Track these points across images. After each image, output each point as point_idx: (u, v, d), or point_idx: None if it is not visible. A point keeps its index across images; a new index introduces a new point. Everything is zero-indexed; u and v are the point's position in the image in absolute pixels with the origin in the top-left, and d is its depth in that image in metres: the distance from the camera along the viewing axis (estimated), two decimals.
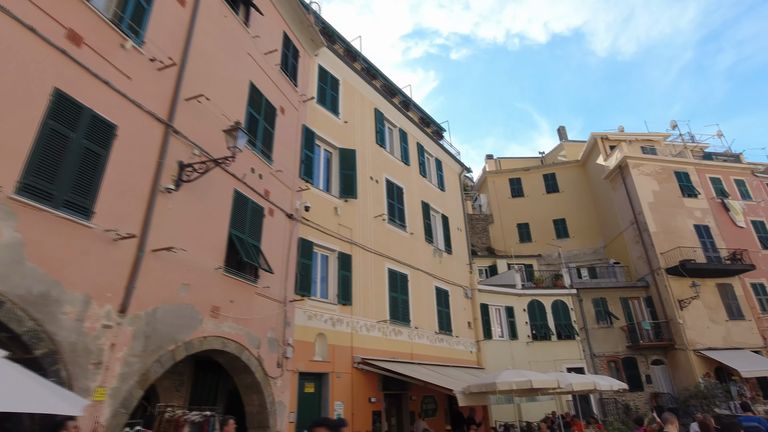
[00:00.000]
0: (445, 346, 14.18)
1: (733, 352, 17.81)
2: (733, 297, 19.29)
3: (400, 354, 11.85)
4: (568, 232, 24.79)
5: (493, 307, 17.83)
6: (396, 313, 12.18)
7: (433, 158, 17.45)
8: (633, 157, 21.33)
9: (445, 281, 15.23)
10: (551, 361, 17.81)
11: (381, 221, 12.83)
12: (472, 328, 16.25)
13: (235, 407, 8.12)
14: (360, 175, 12.46)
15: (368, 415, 10.16)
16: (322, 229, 10.52)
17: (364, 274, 11.45)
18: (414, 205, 14.85)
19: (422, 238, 14.70)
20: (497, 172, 27.30)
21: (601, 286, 19.81)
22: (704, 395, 15.67)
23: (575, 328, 18.81)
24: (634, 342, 18.63)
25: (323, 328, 9.73)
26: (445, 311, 14.72)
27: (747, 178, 23.04)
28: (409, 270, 13.35)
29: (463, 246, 17.60)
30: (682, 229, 20.12)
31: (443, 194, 17.26)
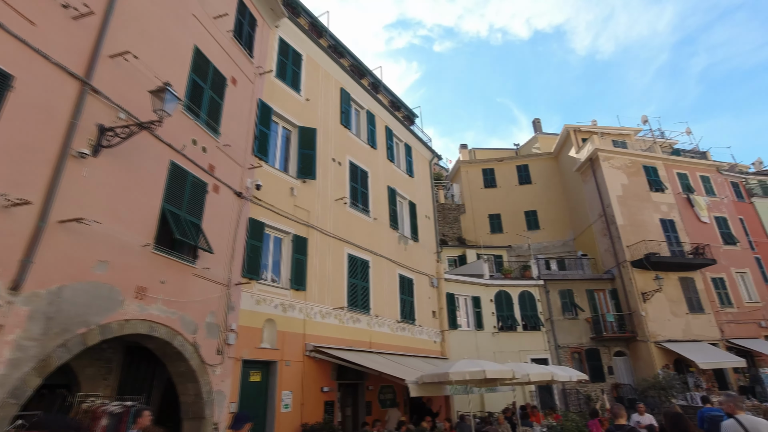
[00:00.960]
0: (408, 336, 13.84)
1: (691, 344, 18.11)
2: (694, 290, 19.61)
3: (358, 343, 11.43)
4: (538, 223, 24.79)
5: (459, 297, 17.60)
6: (355, 301, 11.73)
7: (402, 143, 16.98)
8: (604, 149, 21.36)
9: (409, 269, 14.86)
10: (516, 351, 17.77)
11: (342, 205, 12.31)
12: (437, 318, 15.96)
13: (173, 397, 7.55)
14: (321, 156, 11.89)
15: (320, 405, 9.72)
16: (275, 210, 9.93)
17: (321, 259, 10.94)
18: (379, 190, 14.37)
19: (387, 224, 14.25)
20: (470, 162, 27.06)
21: (568, 278, 19.84)
22: (662, 386, 15.85)
23: (541, 319, 18.80)
24: (598, 334, 18.75)
25: (273, 314, 9.20)
26: (409, 300, 14.36)
27: (712, 175, 23.44)
28: (370, 256, 12.90)
29: (430, 234, 17.25)
30: (648, 222, 20.30)
31: (412, 180, 16.83)
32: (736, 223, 22.49)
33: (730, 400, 4.76)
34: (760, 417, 5.55)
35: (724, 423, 4.52)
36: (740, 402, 4.65)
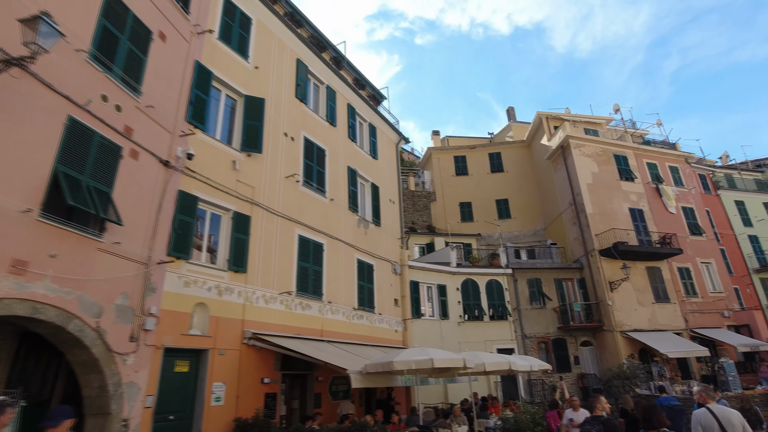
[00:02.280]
0: (365, 324, 13.11)
1: (656, 333, 17.99)
2: (660, 280, 19.50)
3: (308, 330, 10.62)
4: (510, 212, 24.39)
5: (424, 285, 16.96)
6: (305, 285, 10.90)
7: (366, 123, 16.12)
8: (575, 137, 21.00)
9: (370, 254, 14.10)
10: (482, 341, 17.28)
11: (294, 183, 11.42)
12: (399, 306, 15.28)
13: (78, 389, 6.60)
14: (270, 129, 10.95)
15: (259, 398, 8.88)
16: (213, 184, 8.99)
17: (266, 240, 10.05)
18: (338, 170, 13.52)
19: (345, 206, 13.43)
20: (442, 149, 26.42)
21: (537, 267, 19.46)
22: (626, 375, 15.60)
23: (509, 308, 18.36)
24: (565, 323, 18.44)
25: (205, 298, 8.29)
26: (368, 286, 13.61)
27: (681, 166, 23.42)
28: (325, 239, 12.07)
29: (395, 219, 16.51)
30: (617, 211, 20.07)
31: (375, 162, 16.02)
32: (702, 214, 22.55)
33: (702, 390, 4.76)
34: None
35: (696, 412, 4.45)
36: (712, 392, 4.65)
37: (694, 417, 4.45)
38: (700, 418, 4.38)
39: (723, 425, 4.20)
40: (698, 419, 4.39)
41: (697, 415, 4.42)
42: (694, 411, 4.53)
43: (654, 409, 4.59)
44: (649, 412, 4.58)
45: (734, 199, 26.39)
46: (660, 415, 4.51)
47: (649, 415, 4.53)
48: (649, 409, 4.62)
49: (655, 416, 4.48)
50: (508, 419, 7.56)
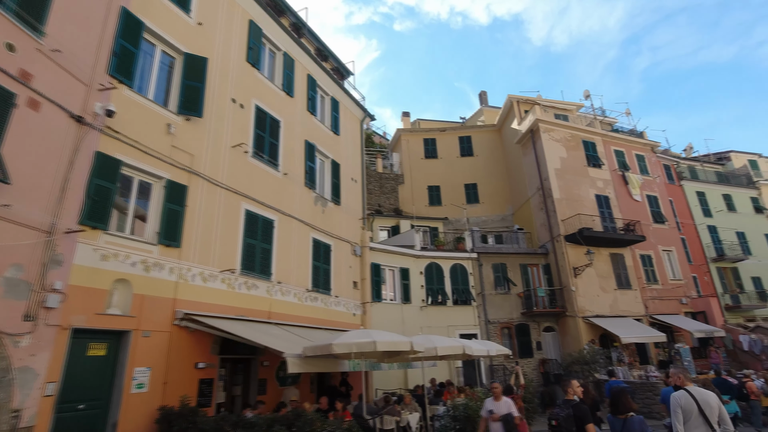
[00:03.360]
0: (320, 306, 12.42)
1: (617, 319, 18.05)
2: (623, 267, 19.57)
3: (254, 312, 9.85)
4: (478, 197, 24.03)
5: (386, 268, 16.39)
6: (251, 264, 10.09)
7: (328, 97, 15.23)
8: (545, 121, 20.68)
9: (327, 234, 13.36)
10: (445, 326, 16.91)
11: (242, 154, 10.51)
12: (358, 289, 14.65)
13: None
14: (214, 93, 9.98)
15: (192, 384, 8.11)
16: (142, 148, 8.02)
17: (207, 213, 9.17)
18: (294, 143, 12.65)
19: (301, 182, 12.60)
20: (412, 131, 25.74)
21: (502, 252, 19.18)
22: (586, 361, 15.56)
23: (473, 293, 18.03)
24: (529, 309, 18.28)
25: (128, 274, 7.40)
26: (324, 267, 12.90)
27: (647, 155, 23.54)
28: (277, 215, 11.25)
29: (357, 199, 15.79)
30: (584, 197, 19.95)
31: (337, 138, 15.19)
32: (665, 203, 22.77)
33: (679, 372, 4.76)
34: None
35: (675, 394, 4.45)
36: (689, 374, 4.67)
37: (674, 399, 4.40)
38: (680, 400, 4.34)
39: (701, 407, 4.20)
40: (678, 401, 4.35)
41: (677, 397, 4.39)
42: (673, 393, 4.48)
43: (622, 393, 4.56)
44: (616, 396, 4.54)
45: (696, 190, 26.90)
46: (627, 399, 4.50)
47: (616, 399, 4.51)
48: (617, 394, 4.58)
49: (622, 400, 4.47)
50: (457, 406, 7.07)
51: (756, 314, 23.90)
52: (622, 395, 4.57)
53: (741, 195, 28.09)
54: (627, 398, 4.55)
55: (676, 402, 4.42)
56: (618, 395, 4.58)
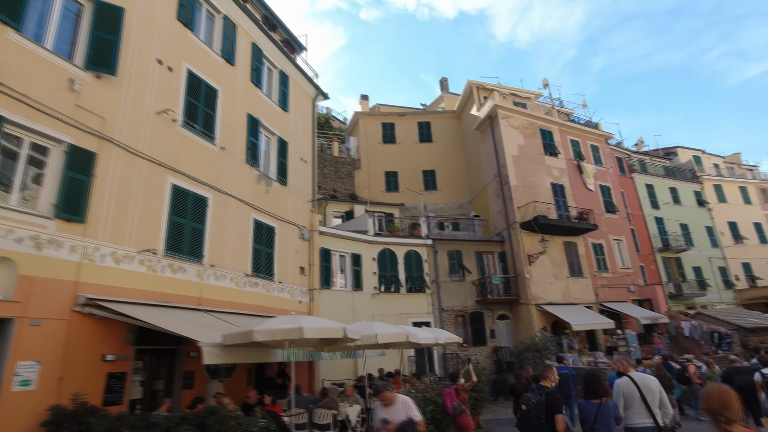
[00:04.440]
0: (261, 293, 11.52)
1: (569, 307, 18.16)
2: (576, 255, 19.73)
3: (181, 298, 8.84)
4: (436, 184, 23.62)
5: (336, 254, 15.62)
6: (178, 245, 9.05)
7: (276, 70, 14.16)
8: (503, 107, 20.43)
9: (271, 215, 12.42)
10: (398, 314, 16.40)
11: (170, 122, 9.38)
12: (306, 275, 13.82)
13: None
14: (134, 50, 8.78)
15: (98, 380, 7.07)
16: (33, 104, 6.81)
17: (122, 185, 8.05)
18: (234, 116, 11.58)
19: (242, 158, 11.58)
20: (370, 115, 24.95)
21: (458, 239, 18.84)
22: (537, 348, 15.48)
23: (427, 281, 17.59)
24: (484, 297, 18.07)
25: (11, 251, 6.25)
26: (267, 251, 11.98)
27: (601, 145, 23.86)
28: (211, 193, 10.21)
29: (306, 180, 14.87)
30: (540, 185, 19.90)
31: (285, 115, 14.18)
32: (617, 193, 23.19)
33: (622, 359, 4.92)
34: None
35: (618, 381, 4.49)
36: (632, 360, 4.87)
37: (617, 386, 4.45)
38: (623, 386, 4.40)
39: (643, 392, 4.28)
40: (620, 388, 4.41)
41: (620, 384, 4.44)
42: (617, 380, 4.54)
43: (596, 379, 4.44)
44: (591, 381, 4.43)
45: (645, 183, 27.70)
46: (603, 384, 4.41)
47: (591, 383, 4.41)
48: (592, 378, 4.46)
49: (598, 385, 4.38)
50: None
51: (696, 302, 24.99)
52: (597, 380, 4.45)
53: (686, 189, 29.23)
54: (602, 383, 4.44)
55: (619, 390, 4.46)
56: (592, 380, 4.46)
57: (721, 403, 2.29)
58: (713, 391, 2.41)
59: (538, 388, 4.96)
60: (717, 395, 2.35)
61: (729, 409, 2.27)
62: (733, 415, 2.26)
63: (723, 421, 2.27)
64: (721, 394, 2.34)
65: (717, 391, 2.39)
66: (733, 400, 2.30)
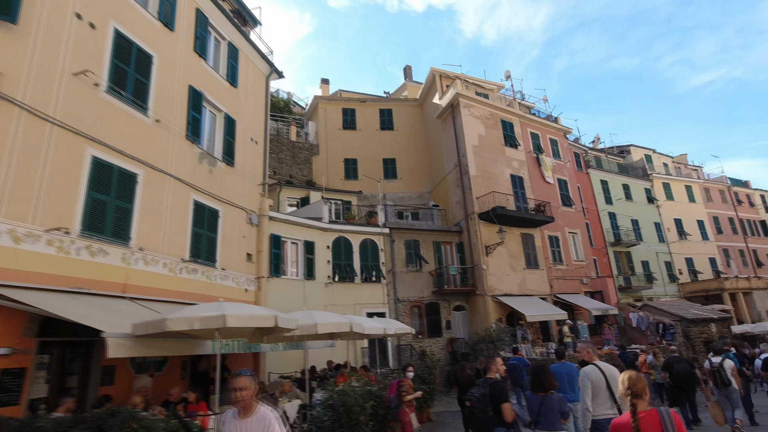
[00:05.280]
0: (201, 280, 10.63)
1: (524, 298, 18.21)
2: (532, 247, 19.82)
3: (101, 284, 7.88)
4: (396, 173, 23.14)
5: (288, 241, 14.84)
6: (99, 224, 8.06)
7: (225, 42, 13.13)
8: (465, 96, 20.14)
9: (215, 198, 11.50)
10: (352, 304, 15.83)
11: (91, 86, 8.31)
12: (253, 262, 13.00)
13: None
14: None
15: None
16: None
17: (24, 152, 6.99)
18: (173, 87, 10.55)
19: (181, 133, 10.59)
20: (330, 100, 24.09)
21: (416, 228, 18.45)
22: (491, 339, 15.37)
23: (383, 270, 17.11)
24: (440, 287, 17.80)
25: None
26: (209, 235, 11.08)
27: (560, 140, 24.13)
28: (143, 169, 9.21)
29: (257, 162, 13.98)
30: (499, 176, 19.81)
31: (234, 91, 13.20)
32: (574, 187, 23.55)
33: (587, 347, 4.76)
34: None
35: (586, 369, 4.39)
36: (595, 350, 4.75)
37: (585, 373, 4.32)
38: (591, 374, 4.28)
39: (609, 382, 4.18)
40: (588, 376, 4.28)
41: (588, 371, 4.31)
42: (584, 369, 4.42)
43: (543, 371, 4.38)
44: (539, 373, 4.37)
45: (600, 179, 28.39)
46: (550, 377, 4.33)
47: (539, 376, 4.33)
48: (540, 371, 4.40)
49: (545, 377, 4.30)
50: (332, 394, 5.93)
51: (643, 294, 25.92)
52: (545, 372, 4.36)
53: (637, 186, 30.24)
54: (549, 376, 4.34)
55: (587, 377, 4.27)
56: (540, 372, 4.36)
57: (636, 384, 2.95)
58: (631, 376, 3.03)
59: (484, 381, 4.70)
60: (634, 378, 3.00)
61: (636, 388, 2.94)
62: (642, 395, 2.93)
63: (632, 395, 2.93)
64: (632, 379, 2.99)
65: (634, 376, 3.02)
66: (642, 383, 2.97)
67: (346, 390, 5.90)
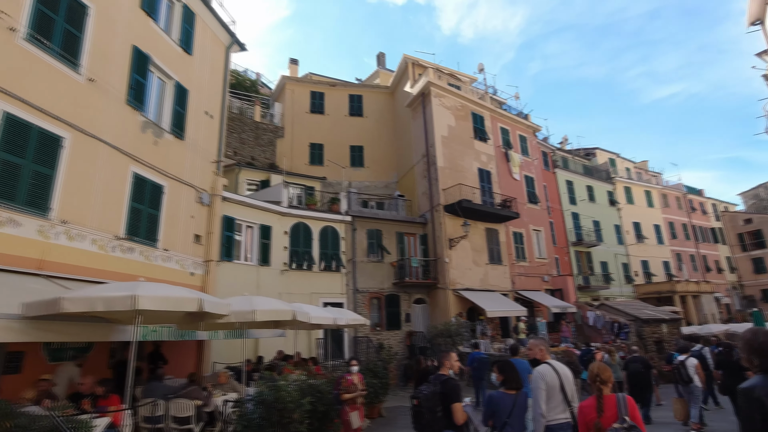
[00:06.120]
0: (138, 260, 9.69)
1: (486, 293, 18.02)
2: (496, 242, 19.67)
3: (10, 258, 6.89)
4: (363, 161, 22.47)
5: (243, 224, 13.98)
6: (10, 191, 7.03)
7: (179, 4, 12.06)
8: (437, 85, 19.66)
9: (159, 171, 10.54)
10: (308, 293, 15.14)
11: (5, 31, 7.24)
12: (202, 244, 12.10)
13: None
14: None
15: None
16: None
17: None
18: (113, 45, 9.49)
19: (121, 97, 9.56)
20: (298, 81, 23.09)
21: (379, 218, 17.89)
22: (450, 333, 15.06)
23: (343, 259, 16.48)
24: (401, 279, 17.35)
25: None
26: (150, 212, 10.12)
27: (529, 137, 24.10)
28: (69, 132, 8.19)
29: (212, 138, 13.02)
30: (467, 169, 19.50)
31: (188, 59, 12.18)
32: (540, 185, 23.61)
33: (540, 343, 4.40)
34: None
35: (540, 368, 4.05)
36: (548, 347, 4.50)
37: (539, 374, 3.92)
38: (545, 375, 3.88)
39: (564, 383, 3.87)
40: (543, 377, 3.87)
41: (542, 372, 3.90)
42: (538, 368, 4.06)
43: (511, 367, 3.98)
44: (507, 370, 3.94)
45: (566, 179, 28.69)
46: (518, 374, 3.97)
47: (509, 374, 3.90)
48: (507, 368, 3.98)
49: (515, 375, 3.91)
50: (263, 389, 5.28)
51: (601, 294, 26.43)
52: (513, 369, 3.96)
53: (600, 188, 30.79)
54: (518, 373, 3.98)
55: (541, 377, 3.82)
56: (508, 369, 3.96)
57: (600, 373, 3.30)
58: (596, 366, 3.38)
59: (435, 378, 4.21)
60: (599, 368, 3.34)
61: (602, 376, 3.29)
62: (607, 382, 3.29)
63: (598, 382, 3.28)
64: (600, 368, 3.34)
65: (598, 366, 3.37)
66: (608, 373, 3.33)
67: (279, 384, 5.27)
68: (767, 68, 14.85)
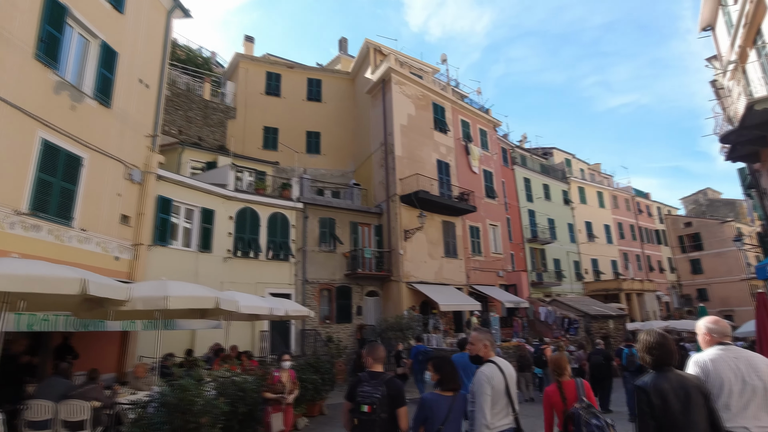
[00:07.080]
0: (48, 240, 8.48)
1: (440, 287, 17.67)
2: (453, 236, 19.37)
3: None
4: (320, 148, 21.57)
5: (182, 206, 12.81)
6: None
7: None
8: (398, 72, 19.04)
9: (78, 141, 9.29)
10: (253, 283, 14.17)
11: None
12: (131, 226, 10.90)
13: None
14: None
15: None
16: None
17: None
18: None
19: (27, 50, 8.28)
20: (254, 60, 21.81)
21: (333, 206, 17.11)
22: (401, 327, 14.56)
23: (292, 248, 15.59)
24: (354, 270, 16.67)
25: None
26: (64, 186, 8.89)
27: (489, 131, 24.00)
28: None
29: (147, 110, 11.77)
30: (425, 160, 19.04)
31: (119, 17, 10.89)
32: (498, 180, 23.57)
33: (485, 338, 3.55)
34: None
35: (484, 369, 3.32)
36: (493, 341, 3.77)
37: (483, 376, 3.21)
38: (492, 378, 3.19)
39: (508, 383, 3.26)
40: (489, 379, 3.17)
41: (488, 374, 3.21)
42: (481, 368, 3.38)
43: (450, 365, 3.42)
44: (445, 368, 3.38)
45: (524, 176, 28.97)
46: (457, 373, 3.45)
47: (448, 373, 3.34)
48: (445, 365, 3.41)
49: (454, 374, 3.36)
50: (164, 390, 4.46)
51: (553, 290, 26.91)
52: (451, 368, 3.37)
53: (556, 187, 31.38)
54: (456, 372, 3.42)
55: (486, 379, 3.16)
56: (445, 367, 3.36)
57: (558, 363, 3.82)
58: (556, 357, 3.94)
59: (373, 376, 3.35)
60: (557, 358, 3.90)
61: (561, 366, 3.79)
62: (564, 370, 3.77)
63: (558, 374, 3.77)
64: (559, 359, 3.88)
65: (558, 357, 3.92)
66: (565, 362, 3.84)
67: (184, 384, 4.46)
68: (715, 74, 15.22)
